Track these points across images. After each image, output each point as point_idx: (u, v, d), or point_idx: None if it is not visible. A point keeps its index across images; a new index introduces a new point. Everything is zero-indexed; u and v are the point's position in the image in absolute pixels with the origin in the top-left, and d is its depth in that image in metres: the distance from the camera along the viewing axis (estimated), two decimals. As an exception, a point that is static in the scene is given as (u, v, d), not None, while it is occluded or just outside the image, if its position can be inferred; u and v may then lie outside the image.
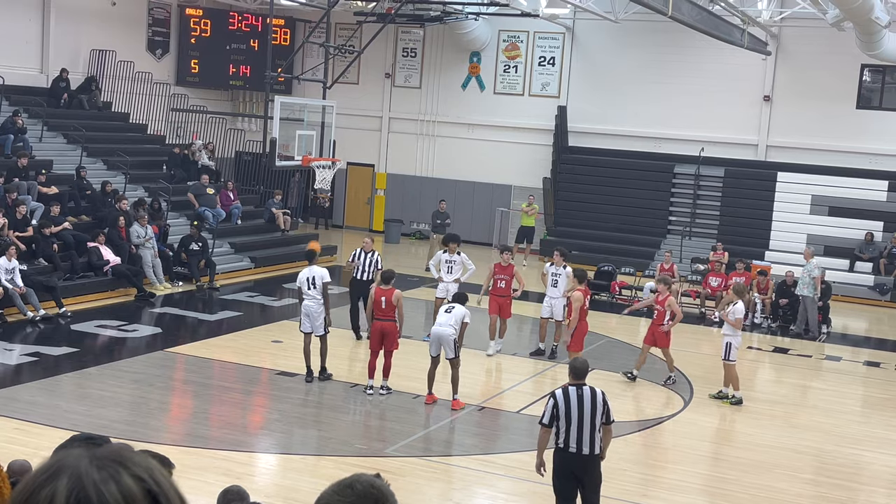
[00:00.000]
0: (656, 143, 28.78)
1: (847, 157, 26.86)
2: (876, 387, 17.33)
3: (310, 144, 21.39)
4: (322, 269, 14.75)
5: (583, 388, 8.89)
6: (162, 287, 20.86)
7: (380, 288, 14.03)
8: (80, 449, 1.46)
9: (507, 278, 17.01)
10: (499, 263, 17.20)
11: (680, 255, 25.80)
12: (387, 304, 13.77)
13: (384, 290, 13.88)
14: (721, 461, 12.77)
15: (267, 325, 18.62)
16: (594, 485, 8.91)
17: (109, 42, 27.40)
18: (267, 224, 26.27)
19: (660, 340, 15.57)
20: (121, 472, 1.43)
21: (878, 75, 27.27)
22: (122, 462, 1.44)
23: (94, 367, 14.85)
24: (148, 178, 24.68)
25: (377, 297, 13.88)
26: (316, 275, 14.51)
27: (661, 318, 15.51)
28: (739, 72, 27.70)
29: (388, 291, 13.82)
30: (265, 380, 14.94)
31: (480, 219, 30.47)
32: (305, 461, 11.42)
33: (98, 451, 1.45)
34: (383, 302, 13.81)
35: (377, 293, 13.93)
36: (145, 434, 11.63)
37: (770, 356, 19.18)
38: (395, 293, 13.81)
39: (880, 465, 12.81)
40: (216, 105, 31.33)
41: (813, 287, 20.28)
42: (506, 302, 16.99)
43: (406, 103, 31.85)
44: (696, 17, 19.86)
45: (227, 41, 30.70)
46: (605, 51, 29.43)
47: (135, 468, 1.45)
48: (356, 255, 17.34)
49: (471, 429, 13.18)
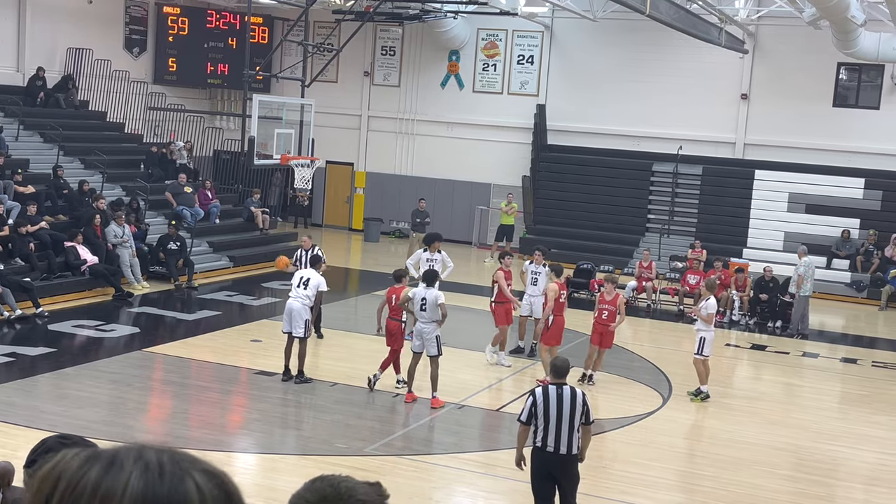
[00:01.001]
0: (635, 142, 28.87)
1: (824, 155, 27.02)
2: (853, 383, 17.46)
3: (288, 143, 21.33)
4: (321, 276, 14.63)
5: (563, 387, 8.89)
6: (140, 287, 20.76)
7: (393, 287, 14.11)
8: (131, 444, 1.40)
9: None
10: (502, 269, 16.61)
11: (658, 252, 25.90)
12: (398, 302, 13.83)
13: (396, 288, 13.94)
14: (700, 458, 12.83)
15: (246, 324, 18.56)
16: (571, 484, 8.92)
17: (86, 40, 27.24)
18: (245, 223, 26.19)
19: (607, 341, 15.29)
20: (192, 470, 1.38)
21: (854, 74, 27.45)
22: (191, 460, 1.39)
23: (72, 367, 14.76)
24: (125, 177, 24.54)
25: (389, 295, 13.96)
26: (312, 278, 14.42)
27: (612, 318, 15.22)
28: (717, 70, 27.83)
29: (400, 290, 13.88)
30: (244, 379, 14.89)
31: (460, 217, 30.47)
32: (285, 461, 11.40)
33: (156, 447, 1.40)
34: (394, 300, 13.88)
35: (389, 292, 14.01)
36: (124, 434, 11.56)
37: (748, 353, 19.29)
38: (403, 291, 13.88)
39: (858, 461, 12.90)
40: (194, 104, 31.19)
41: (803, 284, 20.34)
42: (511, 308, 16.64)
43: (385, 102, 31.81)
44: (674, 15, 19.94)
45: (205, 39, 30.56)
46: (584, 49, 29.49)
47: (206, 465, 1.42)
48: (297, 256, 17.40)
49: (451, 427, 13.18)
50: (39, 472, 1.36)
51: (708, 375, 14.91)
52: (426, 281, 13.81)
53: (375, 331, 14.93)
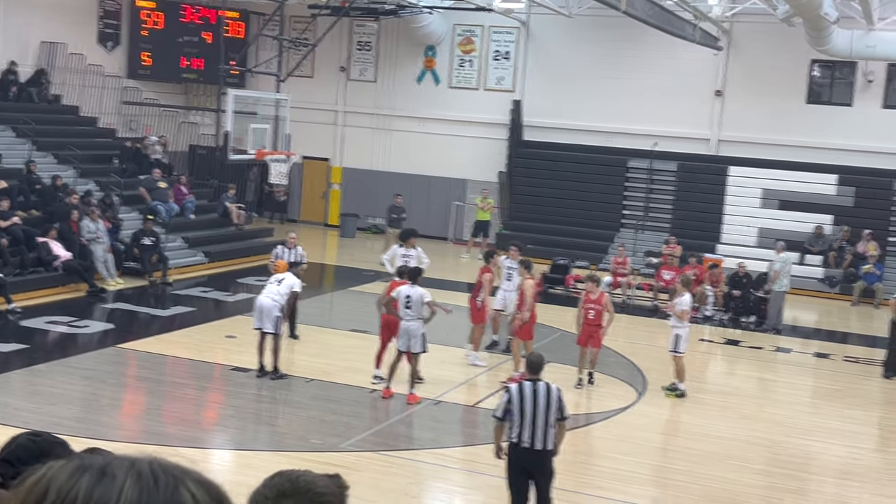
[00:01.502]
0: (610, 138, 28.93)
1: (797, 152, 27.20)
2: (826, 378, 17.60)
3: (264, 138, 21.25)
4: (297, 278, 14.62)
5: (538, 383, 8.92)
6: (114, 283, 20.63)
7: (394, 281, 14.21)
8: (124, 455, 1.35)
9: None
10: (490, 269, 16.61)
11: (633, 248, 26.01)
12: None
13: (398, 282, 13.94)
14: (674, 452, 12.91)
15: (220, 320, 18.49)
16: (546, 479, 8.96)
17: (60, 34, 27.01)
18: (221, 218, 26.07)
19: (595, 341, 15.06)
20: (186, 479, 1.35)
21: (827, 70, 27.64)
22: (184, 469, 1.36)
23: (45, 363, 14.65)
24: (99, 171, 24.37)
25: (390, 290, 13.96)
26: (287, 278, 14.42)
27: (599, 318, 15.00)
28: (692, 67, 27.95)
29: (403, 284, 13.89)
30: (219, 376, 14.84)
31: (436, 213, 30.47)
32: (260, 457, 11.37)
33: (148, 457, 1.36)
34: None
35: (391, 287, 14.07)
36: (97, 431, 11.50)
37: (722, 348, 19.41)
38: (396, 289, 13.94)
39: (830, 455, 13.01)
40: (169, 98, 31.01)
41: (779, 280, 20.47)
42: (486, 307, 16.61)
43: (361, 97, 31.75)
44: (649, 12, 20.00)
45: (180, 34, 30.38)
46: (560, 45, 29.54)
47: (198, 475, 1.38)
48: (278, 253, 17.05)
49: (427, 423, 13.20)
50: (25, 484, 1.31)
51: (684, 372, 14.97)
52: (410, 278, 13.86)
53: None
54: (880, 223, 26.17)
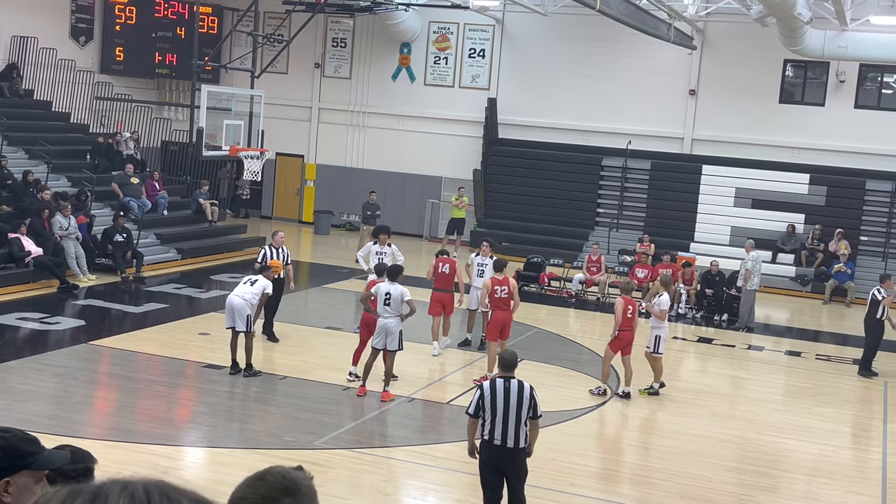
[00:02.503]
0: (584, 136, 29.03)
1: (770, 151, 27.39)
2: (798, 376, 17.72)
3: (238, 134, 21.13)
4: (268, 280, 14.54)
5: (510, 381, 8.91)
6: (86, 279, 20.47)
7: (373, 280, 14.13)
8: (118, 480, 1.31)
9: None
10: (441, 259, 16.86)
11: (608, 246, 26.10)
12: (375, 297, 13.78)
13: (377, 280, 13.90)
14: (648, 450, 12.96)
15: (194, 317, 18.38)
16: (519, 477, 8.96)
17: (31, 28, 26.77)
18: (194, 215, 25.94)
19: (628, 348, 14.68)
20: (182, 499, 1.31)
21: (800, 70, 27.84)
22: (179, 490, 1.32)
23: (15, 360, 14.51)
24: (71, 167, 24.19)
25: (369, 289, 13.91)
26: (259, 280, 14.36)
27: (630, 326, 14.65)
28: (666, 66, 28.07)
29: (381, 282, 13.84)
30: (192, 373, 14.75)
31: (411, 210, 30.45)
32: (233, 454, 11.31)
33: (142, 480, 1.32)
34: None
35: (370, 285, 13.97)
36: (68, 429, 11.40)
37: (695, 346, 19.50)
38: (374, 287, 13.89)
39: (801, 452, 13.10)
40: (142, 94, 30.81)
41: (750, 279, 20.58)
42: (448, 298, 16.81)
43: (336, 94, 31.68)
44: (624, 11, 20.07)
45: (153, 29, 30.19)
46: (535, 44, 29.58)
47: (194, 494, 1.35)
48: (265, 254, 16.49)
49: (401, 420, 13.18)
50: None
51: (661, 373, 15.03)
52: (390, 276, 13.83)
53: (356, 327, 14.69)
54: (852, 222, 26.41)
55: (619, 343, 14.51)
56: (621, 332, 14.47)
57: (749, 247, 21.27)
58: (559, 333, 19.11)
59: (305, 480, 2.29)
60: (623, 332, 14.48)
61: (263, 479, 2.21)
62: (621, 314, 14.45)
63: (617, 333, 14.47)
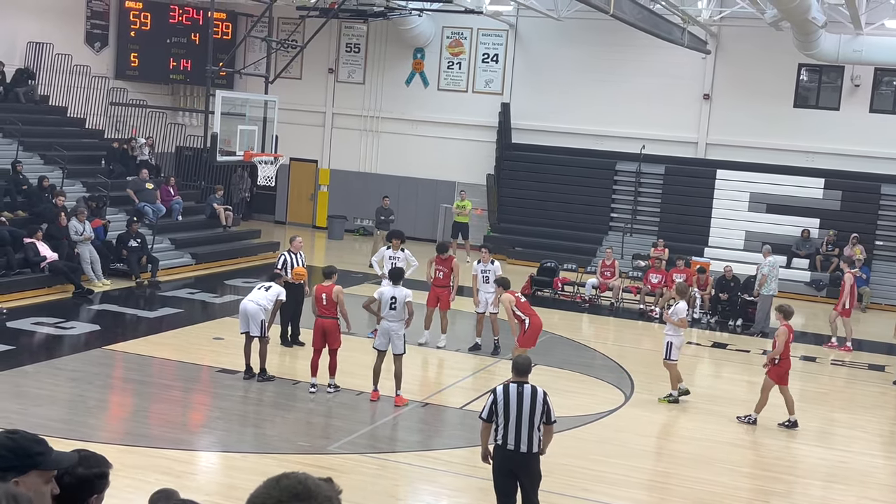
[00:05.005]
0: (598, 141, 29.00)
1: (784, 156, 27.30)
2: (812, 381, 17.65)
3: (252, 140, 21.20)
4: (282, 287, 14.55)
5: (524, 385, 8.89)
6: (100, 284, 20.56)
7: (320, 285, 13.95)
8: None
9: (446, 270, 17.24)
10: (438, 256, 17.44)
11: (621, 251, 26.05)
12: (328, 301, 13.70)
13: (325, 286, 13.80)
14: (661, 455, 12.92)
15: (208, 322, 18.44)
16: (533, 482, 8.95)
17: (47, 34, 26.92)
18: (208, 220, 26.02)
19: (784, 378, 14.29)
20: None
21: (814, 75, 27.75)
22: None
23: (31, 365, 14.60)
24: (86, 172, 24.30)
25: (318, 293, 13.80)
26: (274, 286, 14.37)
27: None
28: (680, 70, 28.02)
29: (329, 287, 13.75)
30: (206, 377, 14.79)
31: (424, 215, 30.46)
32: (247, 459, 11.33)
33: None
34: (324, 298, 13.73)
35: (318, 290, 13.85)
36: (83, 433, 11.45)
37: (709, 351, 19.44)
38: (335, 289, 13.73)
39: (816, 458, 13.05)
40: (156, 99, 30.94)
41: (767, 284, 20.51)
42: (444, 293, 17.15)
43: (349, 99, 31.73)
44: (638, 15, 20.04)
45: (168, 35, 30.32)
46: (548, 48, 29.58)
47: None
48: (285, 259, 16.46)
49: (414, 425, 13.18)
50: None
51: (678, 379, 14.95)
52: (392, 279, 13.81)
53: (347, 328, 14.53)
54: (867, 227, 26.28)
55: (778, 370, 14.05)
56: (781, 360, 14.04)
57: (766, 252, 21.19)
58: (572, 338, 19.08)
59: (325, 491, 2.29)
60: (783, 360, 14.05)
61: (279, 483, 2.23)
62: (783, 343, 13.98)
63: (777, 360, 14.06)
